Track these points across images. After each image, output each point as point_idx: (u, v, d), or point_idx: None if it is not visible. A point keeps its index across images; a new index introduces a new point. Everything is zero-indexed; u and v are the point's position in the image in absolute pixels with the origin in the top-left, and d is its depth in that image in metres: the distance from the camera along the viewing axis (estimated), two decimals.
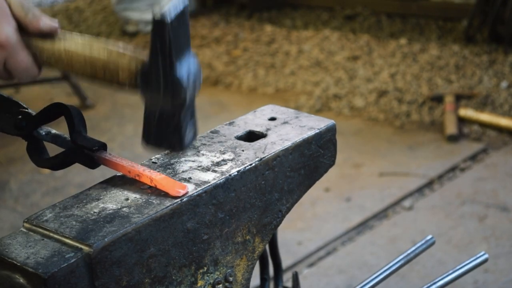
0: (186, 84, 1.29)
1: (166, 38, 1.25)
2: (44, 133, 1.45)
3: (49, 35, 1.37)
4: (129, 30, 6.90)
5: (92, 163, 1.41)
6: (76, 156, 1.41)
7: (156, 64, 1.28)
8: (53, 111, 1.43)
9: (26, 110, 1.45)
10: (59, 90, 5.83)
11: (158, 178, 1.39)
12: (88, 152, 1.40)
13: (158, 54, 1.27)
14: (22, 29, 1.36)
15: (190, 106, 1.34)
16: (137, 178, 1.41)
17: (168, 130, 1.34)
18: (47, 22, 1.37)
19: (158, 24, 1.25)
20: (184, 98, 1.30)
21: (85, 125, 1.42)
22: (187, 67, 1.30)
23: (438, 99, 5.04)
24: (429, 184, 4.15)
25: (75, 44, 1.35)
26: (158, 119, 1.33)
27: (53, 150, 1.46)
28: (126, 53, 1.32)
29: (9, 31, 1.34)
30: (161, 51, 1.27)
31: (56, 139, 1.44)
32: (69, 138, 1.42)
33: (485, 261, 1.84)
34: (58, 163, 1.43)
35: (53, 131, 1.46)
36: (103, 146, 1.41)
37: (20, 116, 1.44)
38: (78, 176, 4.36)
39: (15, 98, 1.47)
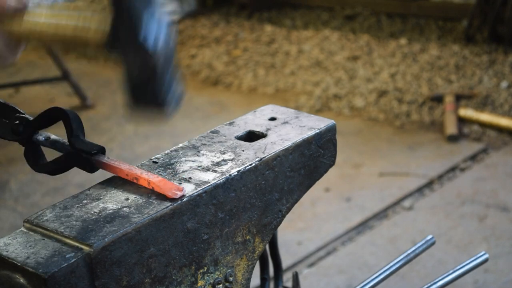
0: (153, 46, 1.22)
1: None
2: (42, 138, 1.43)
3: (16, 13, 1.32)
4: None
5: (91, 167, 1.39)
6: (74, 160, 1.39)
7: (120, 23, 1.23)
8: (51, 116, 1.41)
9: (23, 115, 1.42)
10: (59, 90, 5.83)
11: (155, 181, 1.38)
12: (86, 156, 1.38)
13: (122, 11, 1.22)
14: None
15: (167, 65, 1.25)
16: (135, 181, 1.40)
17: (150, 92, 1.26)
18: (12, 0, 1.32)
19: None
20: (153, 61, 1.23)
21: (83, 129, 1.40)
22: (155, 25, 1.23)
23: (438, 99, 5.04)
24: (429, 184, 4.15)
25: (43, 17, 1.32)
26: (136, 83, 1.26)
27: (51, 154, 1.45)
28: (94, 16, 1.29)
29: None
30: (123, 8, 1.22)
31: (54, 144, 1.42)
32: (67, 143, 1.40)
33: (485, 261, 1.84)
34: (56, 168, 1.41)
35: (52, 136, 1.44)
36: (101, 150, 1.39)
37: (17, 122, 1.42)
38: (78, 176, 4.33)
39: (11, 103, 1.44)
